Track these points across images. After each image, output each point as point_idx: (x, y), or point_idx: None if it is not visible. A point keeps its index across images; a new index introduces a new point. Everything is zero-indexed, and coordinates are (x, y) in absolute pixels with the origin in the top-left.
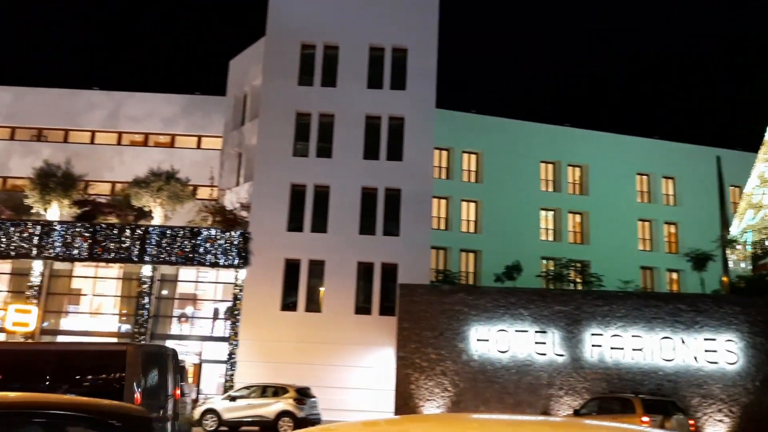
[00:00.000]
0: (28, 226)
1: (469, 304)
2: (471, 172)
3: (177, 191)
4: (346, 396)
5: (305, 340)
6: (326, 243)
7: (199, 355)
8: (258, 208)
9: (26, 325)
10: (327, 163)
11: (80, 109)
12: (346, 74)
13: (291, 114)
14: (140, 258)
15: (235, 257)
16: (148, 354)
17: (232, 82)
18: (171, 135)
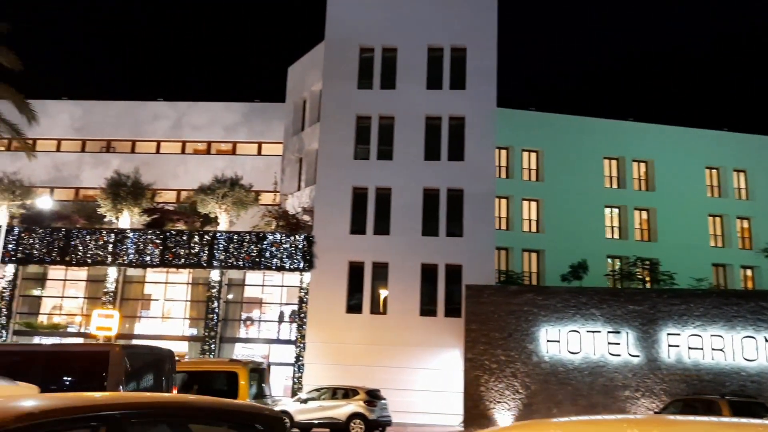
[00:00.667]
0: (102, 234)
1: (538, 305)
2: (531, 170)
3: (241, 197)
4: (414, 398)
5: (371, 342)
6: (389, 245)
7: (266, 358)
8: (321, 211)
9: (109, 329)
10: (388, 166)
11: (146, 120)
12: (405, 76)
13: (351, 117)
14: (209, 263)
15: (300, 260)
16: (135, 355)
17: (291, 88)
18: (232, 142)
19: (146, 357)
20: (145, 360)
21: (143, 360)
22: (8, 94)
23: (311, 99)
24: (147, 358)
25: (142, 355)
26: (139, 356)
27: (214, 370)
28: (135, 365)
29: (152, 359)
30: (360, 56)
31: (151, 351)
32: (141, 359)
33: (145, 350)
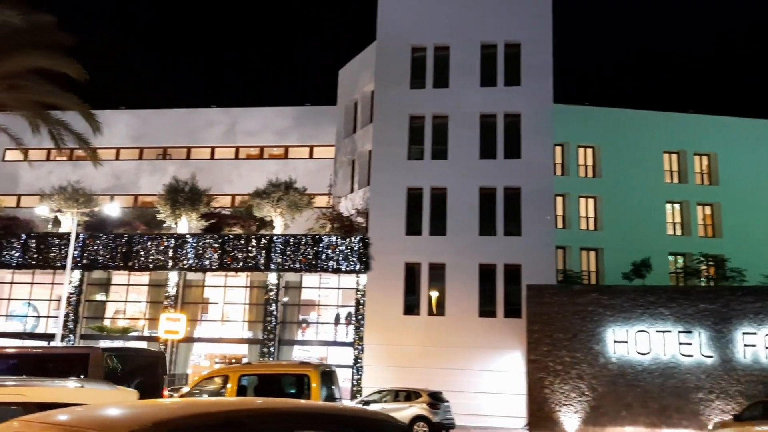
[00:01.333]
0: (163, 239)
1: (603, 305)
2: (587, 167)
3: (295, 200)
4: (475, 400)
5: (430, 344)
6: (446, 246)
7: (323, 360)
8: (376, 213)
9: (176, 333)
10: (443, 165)
11: (200, 127)
12: (459, 74)
13: (404, 118)
14: (266, 266)
15: (356, 263)
16: (120, 357)
17: (342, 90)
18: (284, 146)
19: (134, 359)
20: (132, 362)
21: (130, 362)
22: (75, 104)
23: (363, 101)
24: (135, 360)
25: (129, 357)
26: (125, 358)
27: (286, 372)
28: (120, 367)
29: (141, 361)
30: (412, 56)
31: (138, 353)
32: (128, 361)
33: (131, 352)
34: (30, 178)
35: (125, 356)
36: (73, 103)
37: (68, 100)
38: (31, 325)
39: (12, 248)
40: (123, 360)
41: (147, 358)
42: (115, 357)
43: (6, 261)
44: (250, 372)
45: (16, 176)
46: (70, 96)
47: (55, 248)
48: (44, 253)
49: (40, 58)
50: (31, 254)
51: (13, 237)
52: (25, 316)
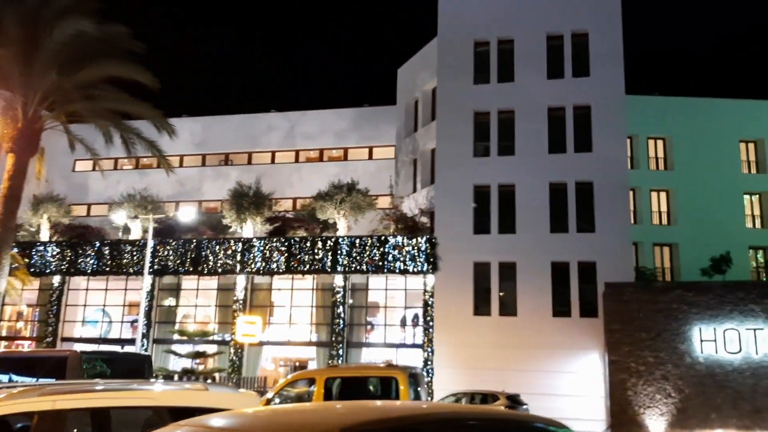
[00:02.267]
0: (231, 244)
1: (688, 302)
2: (659, 159)
3: (358, 202)
4: (551, 402)
5: (502, 345)
6: (516, 244)
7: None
8: (442, 212)
9: (253, 336)
10: (510, 161)
11: (261, 132)
12: (524, 67)
13: (468, 114)
14: (333, 268)
15: (424, 263)
16: (104, 360)
17: (401, 89)
18: (343, 148)
19: (120, 362)
20: (119, 365)
21: (116, 365)
22: (149, 111)
23: (423, 99)
24: (121, 363)
25: (115, 361)
26: (111, 362)
27: (374, 375)
28: (99, 368)
29: (128, 364)
30: (475, 51)
31: (124, 356)
32: (114, 364)
33: (117, 356)
34: (99, 188)
35: (111, 359)
36: (147, 111)
37: (143, 108)
38: (105, 330)
39: (87, 256)
40: (110, 363)
41: (134, 361)
42: (102, 360)
43: (82, 268)
44: (336, 375)
45: (85, 186)
46: (143, 104)
47: (128, 255)
48: (117, 260)
49: (114, 67)
50: (105, 261)
51: (88, 245)
52: (99, 322)
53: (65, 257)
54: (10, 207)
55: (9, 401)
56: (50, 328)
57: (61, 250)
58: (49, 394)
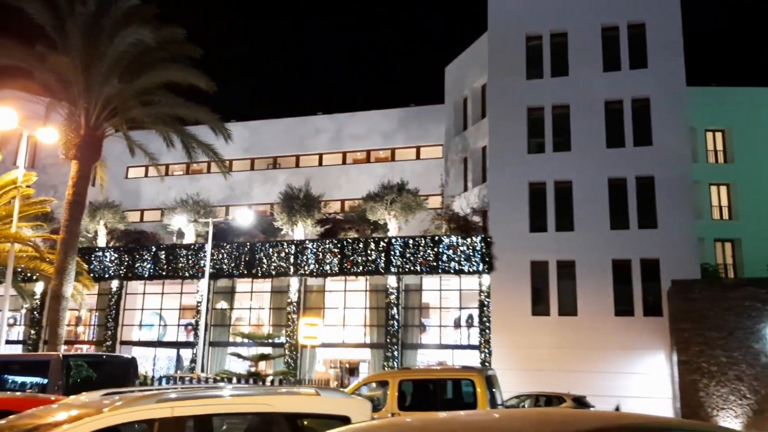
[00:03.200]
0: (284, 246)
1: (762, 299)
2: (718, 152)
3: (409, 202)
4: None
5: (561, 345)
6: (574, 242)
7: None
8: (496, 210)
9: (315, 338)
10: (566, 157)
11: (308, 135)
12: (578, 60)
13: (522, 110)
14: (386, 269)
15: (479, 263)
16: (89, 364)
17: (449, 88)
18: (390, 149)
19: (105, 365)
20: (104, 368)
21: (102, 368)
22: (206, 116)
23: (473, 96)
24: (107, 366)
25: (100, 364)
26: (96, 365)
27: (450, 377)
28: (84, 372)
29: (113, 368)
30: (527, 45)
31: (109, 359)
32: (100, 368)
33: (102, 359)
34: (151, 194)
35: (97, 363)
36: (204, 115)
37: (200, 112)
38: (160, 334)
39: (144, 260)
40: (95, 367)
41: (119, 365)
42: (86, 364)
43: (139, 273)
44: (410, 377)
45: (138, 192)
46: (200, 108)
47: (183, 259)
48: (173, 264)
49: (172, 72)
50: (161, 265)
51: (145, 250)
52: (155, 326)
53: (123, 262)
54: (75, 213)
55: (128, 408)
56: (109, 331)
57: (118, 255)
58: (167, 401)
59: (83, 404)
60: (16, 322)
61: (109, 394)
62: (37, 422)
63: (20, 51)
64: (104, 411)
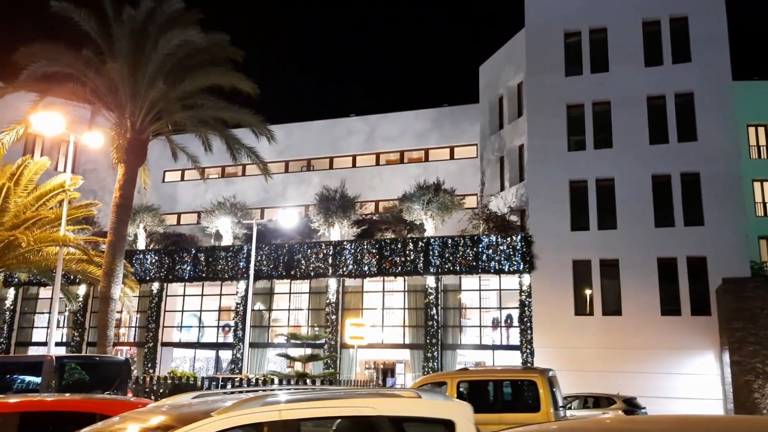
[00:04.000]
0: (322, 247)
1: None
2: (761, 147)
3: (445, 202)
4: (665, 405)
5: (606, 346)
6: (617, 240)
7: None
8: (536, 209)
9: (362, 338)
10: (607, 154)
11: (341, 137)
12: (619, 56)
13: (561, 108)
14: (425, 269)
15: (519, 262)
16: (82, 366)
17: (484, 87)
18: (424, 149)
19: (98, 367)
20: (97, 370)
21: (95, 370)
22: (249, 118)
23: (509, 95)
24: (100, 368)
25: (93, 366)
26: (89, 367)
27: (511, 378)
28: (71, 371)
29: (106, 369)
30: (565, 42)
31: (101, 361)
32: (93, 370)
33: (94, 361)
34: (187, 197)
35: (89, 364)
36: (247, 118)
37: (242, 115)
38: (199, 335)
39: (184, 262)
40: (87, 369)
41: (112, 366)
42: (78, 365)
43: (179, 275)
44: (469, 378)
45: (174, 196)
46: (242, 110)
47: (222, 261)
48: (213, 266)
49: (216, 75)
50: (200, 267)
51: (185, 252)
52: (194, 327)
53: (163, 264)
54: (122, 215)
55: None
56: (150, 333)
57: (159, 258)
58: (273, 404)
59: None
60: (59, 324)
61: (199, 397)
62: (144, 426)
63: (69, 57)
64: (212, 415)
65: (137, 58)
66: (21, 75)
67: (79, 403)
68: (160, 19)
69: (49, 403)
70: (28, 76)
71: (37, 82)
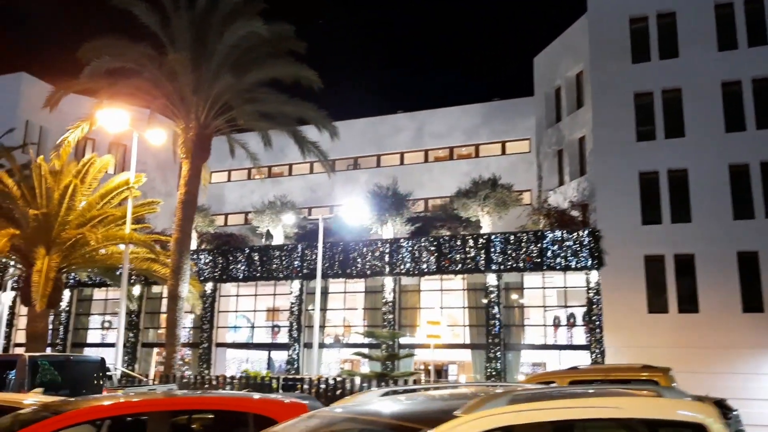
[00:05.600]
0: (378, 245)
1: None
2: None
3: (503, 197)
4: (754, 408)
5: (682, 345)
6: (692, 234)
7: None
8: (604, 203)
9: (438, 337)
10: (680, 144)
11: (388, 134)
12: (689, 41)
13: (628, 96)
14: (487, 267)
15: (587, 258)
16: (53, 363)
17: (539, 79)
18: (474, 145)
19: (72, 367)
20: (72, 370)
21: (69, 370)
22: (312, 113)
23: (567, 86)
24: (74, 367)
25: (60, 363)
26: (62, 366)
27: (630, 378)
28: (49, 375)
29: (81, 369)
30: (631, 28)
31: (76, 360)
32: (66, 369)
33: (69, 360)
34: (234, 198)
35: (62, 363)
36: (310, 112)
37: (305, 109)
38: (248, 336)
39: (237, 262)
40: (61, 367)
41: (87, 366)
42: (52, 364)
43: (233, 275)
44: (581, 377)
45: (222, 196)
46: (305, 104)
47: (276, 260)
48: (267, 266)
49: (280, 67)
50: (254, 267)
51: (239, 252)
52: (247, 327)
53: (217, 264)
54: (188, 212)
55: (483, 412)
56: (204, 334)
57: (212, 258)
58: (521, 402)
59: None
60: (111, 326)
61: (387, 395)
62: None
63: (133, 52)
64: (458, 415)
65: (200, 51)
66: (84, 71)
67: (237, 401)
68: (224, 10)
69: (203, 401)
70: (91, 73)
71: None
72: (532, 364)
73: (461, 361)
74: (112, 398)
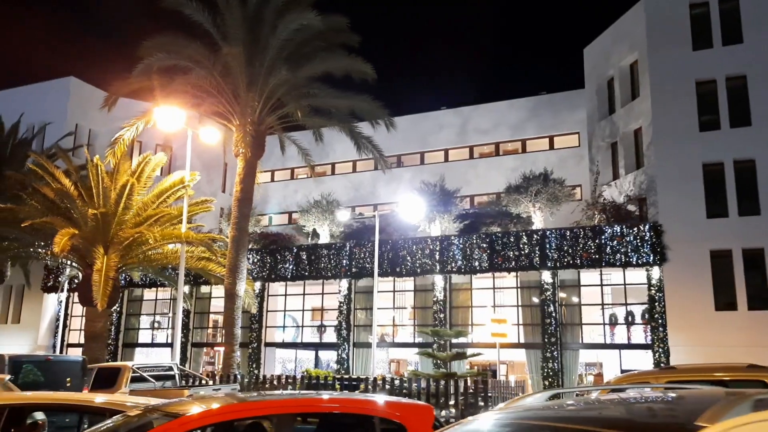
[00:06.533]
0: (428, 243)
1: None
2: None
3: (556, 193)
4: None
5: (754, 344)
6: (762, 227)
7: (598, 366)
8: (665, 196)
9: (504, 336)
10: (746, 133)
11: (431, 131)
12: (754, 25)
13: (689, 84)
14: (542, 264)
15: (649, 254)
16: (27, 364)
17: (590, 70)
18: (520, 140)
19: (49, 368)
20: (53, 370)
21: (51, 370)
22: (366, 106)
23: (621, 76)
24: (55, 368)
25: (41, 364)
26: (39, 364)
27: (735, 378)
28: (31, 375)
29: (64, 369)
30: (690, 13)
31: (57, 361)
32: (48, 369)
33: (43, 359)
34: (278, 197)
35: (43, 364)
36: (366, 106)
37: (359, 102)
38: (294, 336)
39: (286, 261)
40: (42, 367)
41: (68, 366)
42: (33, 365)
43: (282, 274)
44: (681, 378)
45: (266, 196)
46: (359, 97)
47: (324, 259)
48: (315, 265)
49: (334, 61)
50: (302, 266)
51: (287, 251)
52: (294, 327)
53: (265, 264)
54: (244, 210)
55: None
56: (254, 333)
57: (261, 257)
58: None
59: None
60: (160, 326)
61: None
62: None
63: (188, 49)
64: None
65: (253, 45)
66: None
67: (362, 404)
68: (276, 3)
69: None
70: (143, 71)
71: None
72: (586, 364)
73: (510, 361)
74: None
